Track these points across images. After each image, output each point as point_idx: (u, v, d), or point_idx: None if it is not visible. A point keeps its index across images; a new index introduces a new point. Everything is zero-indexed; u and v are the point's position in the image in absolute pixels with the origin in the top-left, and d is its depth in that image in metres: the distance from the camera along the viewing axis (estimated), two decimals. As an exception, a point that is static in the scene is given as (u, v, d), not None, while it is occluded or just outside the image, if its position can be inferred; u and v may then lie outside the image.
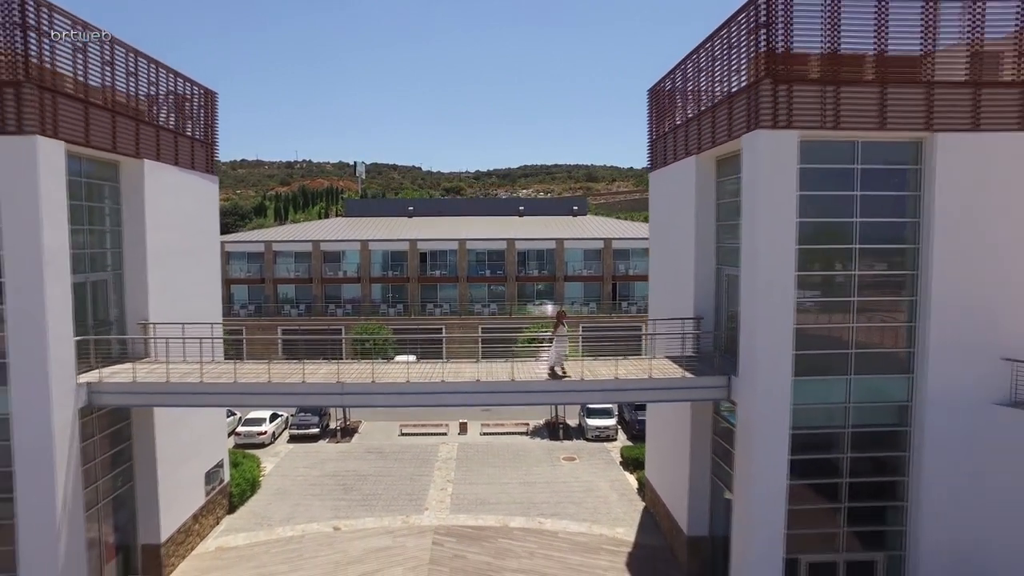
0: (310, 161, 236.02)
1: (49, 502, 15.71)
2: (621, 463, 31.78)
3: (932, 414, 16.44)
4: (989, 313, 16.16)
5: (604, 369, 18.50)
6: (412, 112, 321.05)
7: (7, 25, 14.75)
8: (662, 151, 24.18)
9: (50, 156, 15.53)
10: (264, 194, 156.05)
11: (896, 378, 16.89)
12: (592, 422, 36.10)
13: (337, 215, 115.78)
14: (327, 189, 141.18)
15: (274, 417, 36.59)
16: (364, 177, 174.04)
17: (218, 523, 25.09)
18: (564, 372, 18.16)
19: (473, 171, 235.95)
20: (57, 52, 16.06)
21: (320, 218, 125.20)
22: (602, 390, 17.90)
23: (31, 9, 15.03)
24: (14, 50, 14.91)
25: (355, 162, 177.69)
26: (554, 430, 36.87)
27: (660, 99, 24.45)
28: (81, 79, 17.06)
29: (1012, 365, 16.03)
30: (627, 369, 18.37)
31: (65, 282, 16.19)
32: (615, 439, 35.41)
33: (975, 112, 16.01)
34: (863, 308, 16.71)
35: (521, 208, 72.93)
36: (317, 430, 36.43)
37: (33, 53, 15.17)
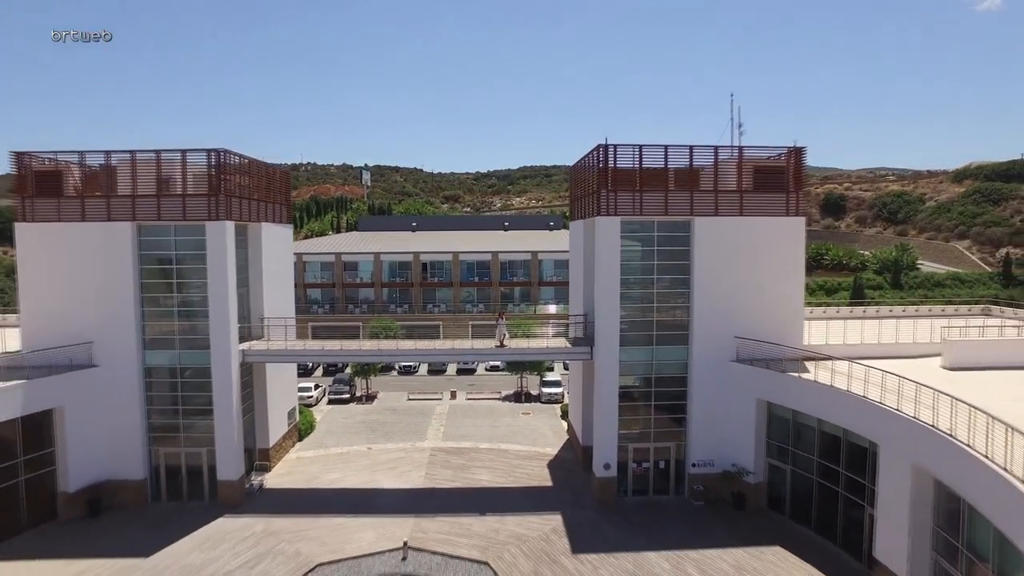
0: (315, 164, 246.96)
1: (230, 413, 29.92)
2: (561, 416, 45.98)
3: (698, 367, 30.57)
4: (725, 312, 30.21)
5: (523, 343, 32.91)
6: (414, 114, 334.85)
7: (214, 165, 29.06)
8: (576, 210, 38.34)
9: (231, 231, 29.77)
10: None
11: (679, 347, 30.99)
12: (546, 390, 50.47)
13: (347, 223, 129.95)
14: (337, 199, 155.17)
15: (316, 387, 50.96)
16: (369, 184, 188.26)
17: (293, 446, 39.37)
18: (502, 344, 32.35)
19: (474, 172, 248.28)
20: (229, 174, 30.24)
21: (332, 226, 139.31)
22: (520, 353, 32.43)
23: (222, 155, 29.32)
24: (215, 175, 29.19)
25: (361, 169, 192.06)
26: (519, 396, 51.18)
27: (575, 175, 38.60)
28: (235, 181, 31.27)
29: (738, 340, 30.17)
30: (536, 343, 32.72)
31: (235, 296, 30.43)
32: (562, 401, 49.56)
33: (716, 206, 30.18)
34: (660, 309, 30.85)
35: (506, 224, 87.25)
36: (348, 396, 50.81)
37: (224, 175, 29.42)
